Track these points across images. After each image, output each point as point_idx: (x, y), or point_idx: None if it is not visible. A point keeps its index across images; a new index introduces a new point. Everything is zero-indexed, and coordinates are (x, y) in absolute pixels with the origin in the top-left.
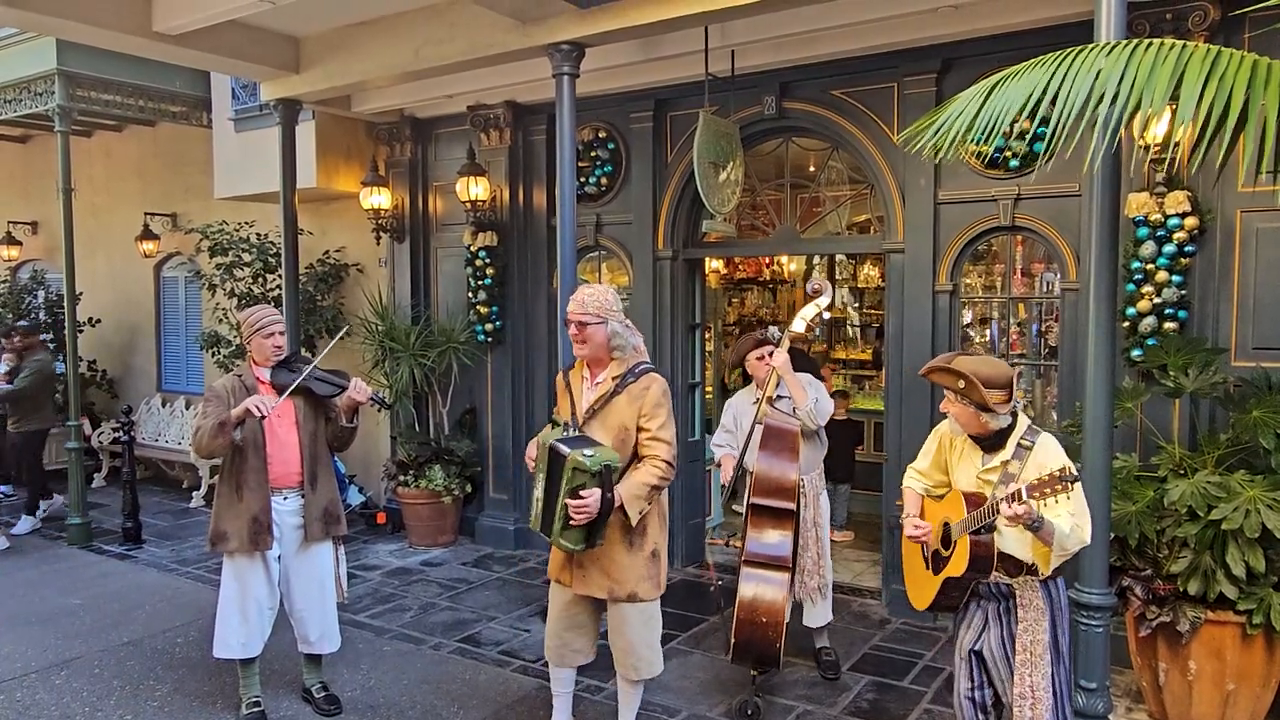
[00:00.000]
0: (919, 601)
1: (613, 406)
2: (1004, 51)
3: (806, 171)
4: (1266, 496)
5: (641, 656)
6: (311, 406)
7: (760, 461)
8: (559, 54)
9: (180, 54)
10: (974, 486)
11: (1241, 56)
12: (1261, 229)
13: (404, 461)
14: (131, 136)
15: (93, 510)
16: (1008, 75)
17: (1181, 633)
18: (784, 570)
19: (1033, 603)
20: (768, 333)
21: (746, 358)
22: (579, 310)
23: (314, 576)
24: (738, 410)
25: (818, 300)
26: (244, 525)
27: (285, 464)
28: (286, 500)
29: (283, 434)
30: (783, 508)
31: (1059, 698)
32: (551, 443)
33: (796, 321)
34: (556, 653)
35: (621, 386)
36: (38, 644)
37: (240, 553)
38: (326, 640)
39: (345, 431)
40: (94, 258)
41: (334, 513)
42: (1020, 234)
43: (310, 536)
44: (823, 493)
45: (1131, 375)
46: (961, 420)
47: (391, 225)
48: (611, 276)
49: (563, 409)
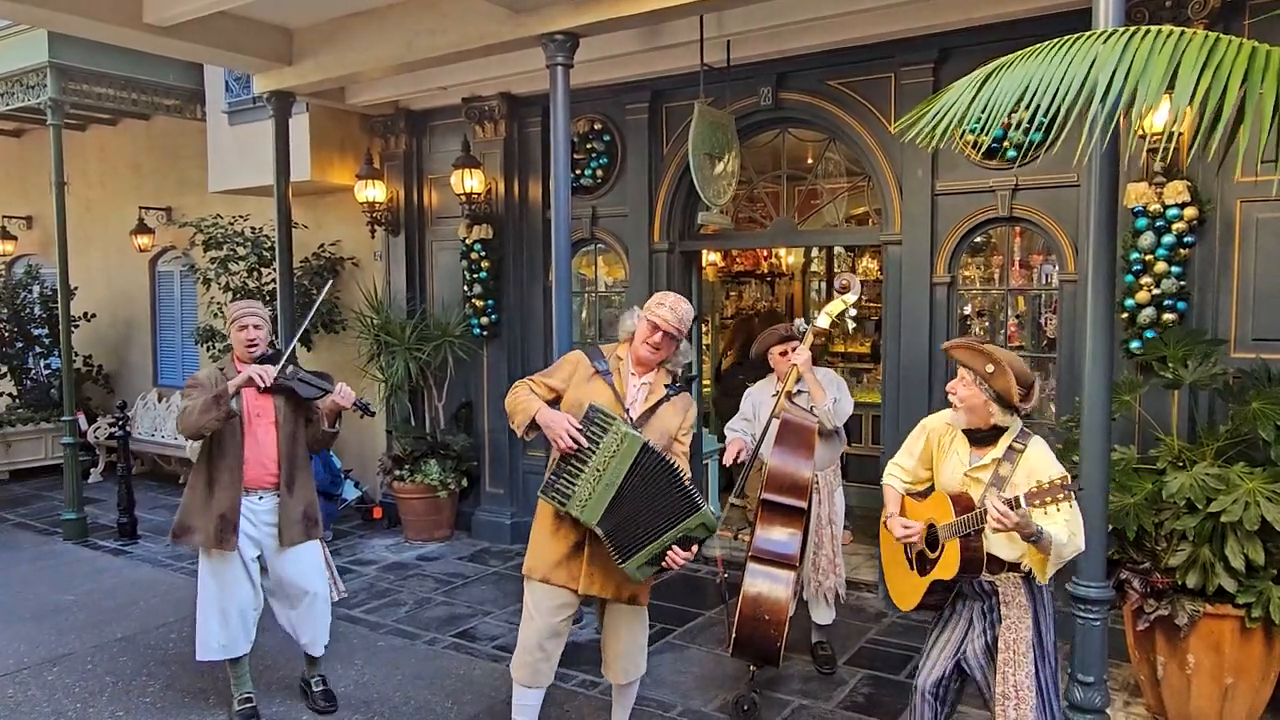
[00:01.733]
0: (904, 602)
1: (659, 414)
2: (1002, 41)
3: (803, 163)
4: (1266, 489)
5: (634, 658)
6: (291, 407)
7: (775, 456)
8: (553, 44)
9: (172, 46)
10: (959, 485)
11: (1240, 44)
12: (1261, 219)
13: (400, 456)
14: (125, 130)
15: (88, 505)
16: (1002, 64)
17: (1180, 626)
18: (791, 569)
19: (1016, 600)
20: (794, 327)
21: (770, 351)
22: (675, 323)
23: (301, 580)
24: (757, 400)
25: (845, 296)
26: (211, 522)
27: (261, 465)
28: (262, 500)
29: (260, 433)
30: (794, 505)
31: (1044, 696)
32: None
33: (821, 317)
34: (532, 670)
35: (668, 396)
36: (30, 640)
37: (209, 548)
38: (317, 644)
39: (325, 436)
40: (89, 252)
41: (312, 515)
42: (1018, 225)
43: (287, 540)
44: (838, 489)
45: (1130, 367)
46: (967, 405)
47: (386, 218)
48: (607, 269)
49: (597, 396)
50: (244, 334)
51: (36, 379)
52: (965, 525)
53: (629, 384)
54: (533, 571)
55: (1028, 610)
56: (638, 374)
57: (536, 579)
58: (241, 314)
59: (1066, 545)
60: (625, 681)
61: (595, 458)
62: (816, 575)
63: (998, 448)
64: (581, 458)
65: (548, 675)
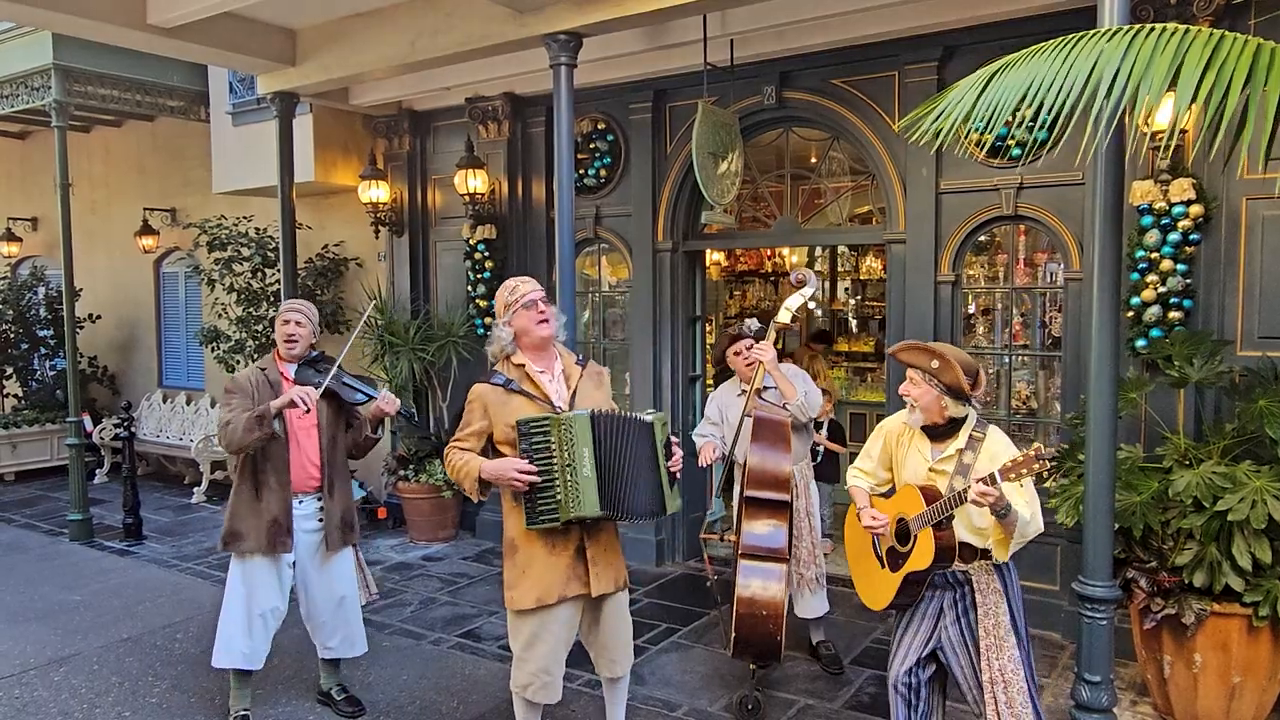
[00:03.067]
0: (875, 601)
1: (584, 392)
2: (1006, 39)
3: (807, 162)
4: (1273, 487)
5: (628, 645)
6: (333, 411)
7: (754, 454)
8: (556, 44)
9: (175, 47)
10: (924, 480)
11: (1245, 42)
12: (1268, 216)
13: (404, 456)
14: (130, 131)
15: (94, 506)
16: (1007, 63)
17: (1187, 625)
18: (781, 562)
19: (990, 586)
20: (744, 326)
21: (726, 353)
22: (536, 286)
23: (334, 586)
24: (722, 402)
25: (802, 290)
26: (263, 527)
27: (304, 468)
28: (302, 504)
29: (302, 437)
30: (778, 499)
31: (1028, 676)
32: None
33: (781, 313)
34: (547, 690)
35: (581, 373)
36: (37, 640)
37: (256, 555)
38: (350, 645)
39: (367, 441)
40: (94, 254)
41: (350, 520)
42: (1023, 223)
43: (330, 546)
44: (812, 482)
45: (1136, 365)
46: (922, 404)
47: (390, 219)
48: (611, 269)
49: (520, 410)
50: (285, 329)
51: (42, 380)
52: (937, 512)
53: (542, 382)
54: (542, 599)
55: (1002, 595)
56: (547, 371)
57: (551, 603)
58: (285, 310)
59: (1030, 523)
60: (623, 674)
61: (557, 461)
62: (798, 567)
63: (959, 438)
64: (546, 472)
65: (558, 690)
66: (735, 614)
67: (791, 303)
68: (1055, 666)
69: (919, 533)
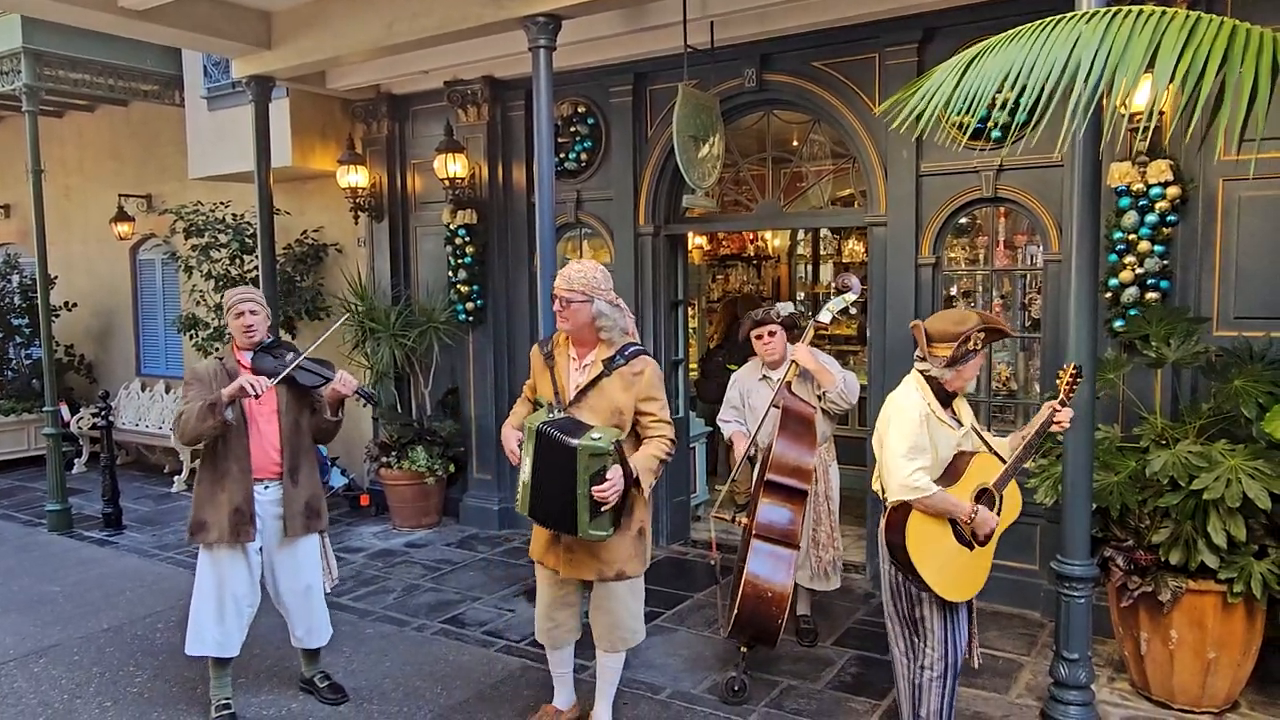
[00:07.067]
0: (968, 589)
1: (602, 389)
2: (986, 20)
3: (789, 145)
4: (1247, 465)
5: (628, 627)
6: (294, 396)
7: (779, 444)
8: (535, 26)
9: (149, 30)
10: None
11: (1220, 23)
12: (1244, 198)
13: (386, 443)
14: (104, 117)
15: (72, 496)
16: (986, 48)
17: (1163, 602)
18: (794, 548)
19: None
20: (772, 310)
21: (750, 336)
22: (565, 286)
23: (299, 573)
24: (743, 387)
25: (845, 295)
26: (225, 516)
27: (265, 454)
28: (267, 490)
29: (262, 422)
30: (797, 488)
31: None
32: (540, 428)
33: (823, 313)
34: (550, 635)
35: (611, 369)
36: (16, 632)
37: (220, 544)
38: (314, 635)
39: (329, 424)
40: (69, 241)
41: (315, 507)
42: (1003, 205)
43: (291, 531)
44: (832, 465)
45: (1114, 346)
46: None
47: (370, 204)
48: (593, 253)
49: (542, 388)
50: (241, 320)
51: (18, 369)
52: (1021, 460)
53: (569, 368)
54: (532, 553)
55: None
56: (579, 356)
57: (536, 559)
58: (237, 301)
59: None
60: (619, 650)
61: (525, 460)
62: (816, 550)
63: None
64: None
65: (564, 638)
66: (740, 593)
67: (834, 305)
68: (1034, 644)
69: (1004, 492)
